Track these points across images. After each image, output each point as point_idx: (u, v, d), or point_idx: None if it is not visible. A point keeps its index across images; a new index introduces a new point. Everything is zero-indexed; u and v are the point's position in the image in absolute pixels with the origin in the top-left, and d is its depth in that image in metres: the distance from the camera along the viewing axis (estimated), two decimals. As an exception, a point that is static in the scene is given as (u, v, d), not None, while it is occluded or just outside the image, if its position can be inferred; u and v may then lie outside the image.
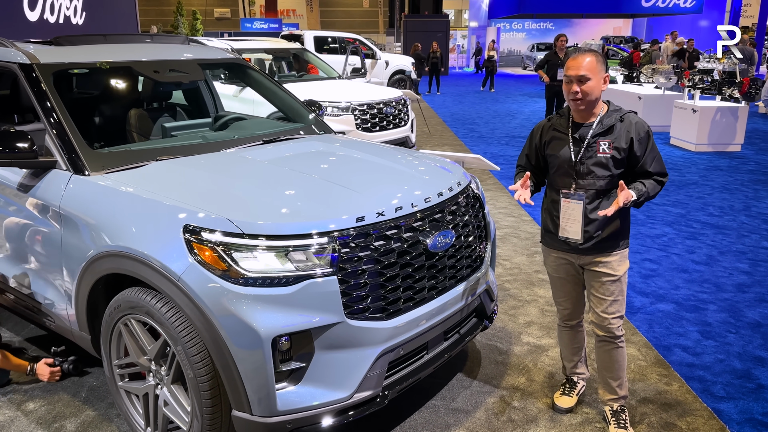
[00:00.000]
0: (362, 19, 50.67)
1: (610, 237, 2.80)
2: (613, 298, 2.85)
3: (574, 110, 2.80)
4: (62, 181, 2.93)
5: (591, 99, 2.71)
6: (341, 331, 2.44)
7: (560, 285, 3.04)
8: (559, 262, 2.97)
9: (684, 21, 31.31)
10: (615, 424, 2.94)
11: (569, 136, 2.81)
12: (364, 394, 2.54)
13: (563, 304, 3.08)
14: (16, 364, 3.27)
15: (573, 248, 2.86)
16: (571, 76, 2.69)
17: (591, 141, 2.76)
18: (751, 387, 3.32)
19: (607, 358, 2.95)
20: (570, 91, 2.71)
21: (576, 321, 3.10)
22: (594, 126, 2.77)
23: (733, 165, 9.23)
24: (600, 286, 2.86)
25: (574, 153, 2.79)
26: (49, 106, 3.08)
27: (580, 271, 2.94)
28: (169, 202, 2.58)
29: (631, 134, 2.73)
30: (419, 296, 2.74)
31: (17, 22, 8.86)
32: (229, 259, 2.35)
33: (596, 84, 2.69)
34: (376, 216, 2.60)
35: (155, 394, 2.72)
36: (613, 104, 2.83)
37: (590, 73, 2.67)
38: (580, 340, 3.15)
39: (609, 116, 2.77)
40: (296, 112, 4.21)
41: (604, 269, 2.83)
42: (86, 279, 2.76)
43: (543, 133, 2.92)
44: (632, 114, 2.79)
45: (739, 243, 5.68)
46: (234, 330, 2.30)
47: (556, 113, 2.93)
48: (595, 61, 2.69)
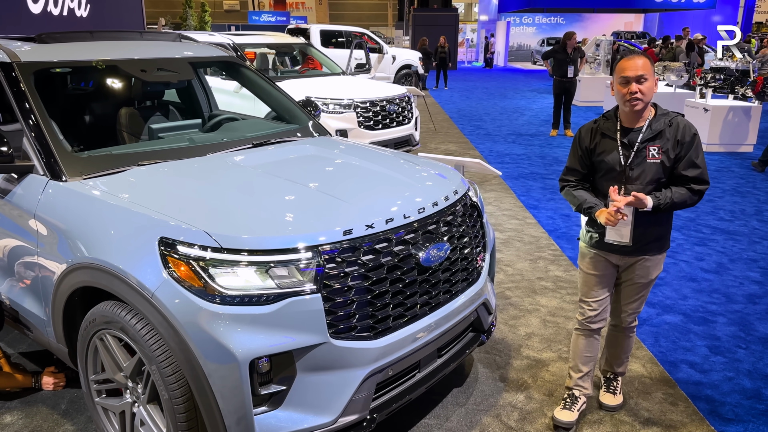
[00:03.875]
0: (371, 13, 50.43)
1: (656, 239, 2.81)
2: (639, 298, 2.96)
3: (628, 112, 2.72)
4: (39, 187, 2.80)
5: (648, 99, 2.67)
6: (325, 352, 2.30)
7: (594, 283, 2.95)
8: (598, 259, 2.91)
9: (697, 16, 30.88)
10: (605, 389, 3.18)
11: (618, 141, 2.75)
12: (349, 418, 2.40)
13: (591, 305, 2.97)
14: (20, 381, 3.16)
15: (618, 250, 2.82)
16: (629, 76, 2.64)
17: (641, 146, 2.71)
18: (762, 409, 3.16)
19: (614, 342, 3.11)
20: (628, 92, 2.64)
21: (597, 326, 2.99)
22: (643, 131, 2.72)
23: (746, 166, 9.01)
24: (631, 285, 2.91)
25: (624, 158, 2.74)
26: (28, 108, 2.95)
27: (616, 270, 2.92)
28: (146, 212, 2.44)
29: (678, 137, 2.69)
30: (411, 313, 2.59)
31: (20, 15, 8.73)
32: (205, 275, 2.21)
33: (652, 84, 2.67)
34: (365, 228, 2.45)
35: (132, 412, 2.59)
36: (660, 107, 2.78)
37: (647, 74, 2.64)
38: (594, 350, 3.04)
39: (658, 120, 2.72)
40: (290, 113, 4.06)
41: (641, 272, 2.87)
42: (61, 291, 2.63)
43: (591, 136, 2.84)
44: (680, 117, 2.75)
45: (750, 250, 5.49)
46: (209, 351, 2.17)
47: (602, 116, 2.86)
48: (649, 63, 2.68)
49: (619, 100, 2.71)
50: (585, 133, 2.87)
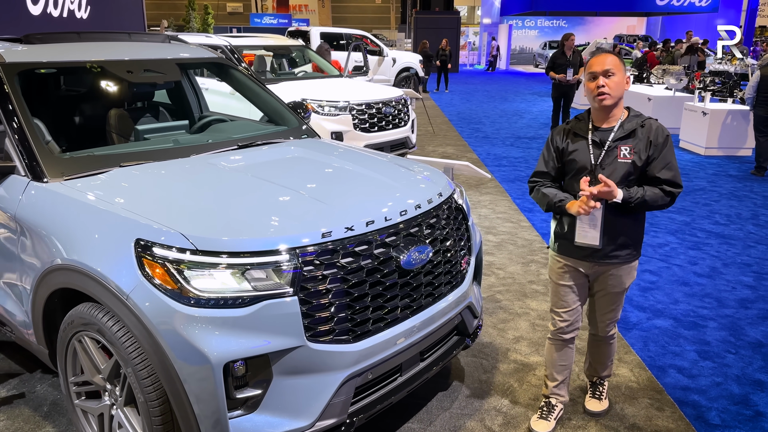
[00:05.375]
0: (374, 15, 50.45)
1: (626, 246, 2.76)
2: (614, 307, 2.92)
3: (598, 109, 2.70)
4: (20, 188, 2.79)
5: (615, 96, 2.64)
6: (302, 355, 2.28)
7: (564, 293, 2.90)
8: (568, 269, 2.85)
9: (699, 20, 30.81)
10: (590, 394, 3.16)
11: (589, 139, 2.73)
12: (327, 422, 2.38)
13: (561, 315, 2.93)
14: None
15: (587, 256, 2.77)
16: (596, 71, 2.63)
17: (612, 145, 2.68)
18: (749, 414, 3.13)
19: (595, 351, 3.10)
20: (595, 87, 2.63)
21: (570, 336, 2.95)
22: (615, 130, 2.69)
23: (743, 170, 8.96)
24: (605, 294, 2.87)
25: (594, 156, 2.71)
26: (11, 108, 2.93)
27: (587, 281, 2.86)
28: (123, 213, 2.43)
29: (650, 138, 2.66)
30: (391, 316, 2.56)
31: (20, 17, 8.74)
32: (180, 278, 2.19)
33: (620, 80, 2.64)
34: (345, 231, 2.44)
35: (110, 414, 2.57)
36: (633, 110, 2.76)
37: (615, 69, 2.62)
38: (569, 359, 3.00)
39: (630, 121, 2.70)
40: (279, 115, 4.04)
41: (613, 281, 2.83)
42: (41, 292, 2.62)
43: (563, 137, 2.81)
44: (653, 120, 2.73)
45: (744, 254, 5.46)
46: (183, 354, 2.15)
47: (575, 117, 2.84)
48: (618, 60, 2.66)
49: (588, 97, 2.69)
50: (557, 134, 2.84)
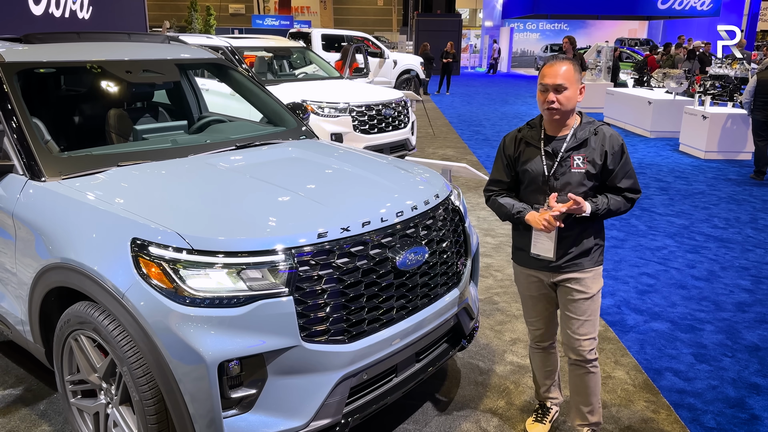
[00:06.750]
0: (376, 17, 50.51)
1: (583, 254, 2.66)
2: (585, 318, 2.69)
3: (547, 121, 2.64)
4: (18, 187, 2.80)
5: (567, 110, 2.55)
6: (297, 355, 2.29)
7: (532, 304, 2.87)
8: (531, 280, 2.81)
9: (701, 24, 30.80)
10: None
11: (542, 150, 2.65)
12: (322, 422, 2.38)
13: (535, 325, 2.91)
14: None
15: (545, 266, 2.70)
16: (547, 84, 2.53)
17: (565, 155, 2.60)
18: (744, 417, 3.13)
19: (578, 383, 2.79)
20: (545, 101, 2.54)
21: (548, 343, 2.93)
22: (567, 139, 2.61)
23: (743, 174, 8.97)
24: (572, 303, 2.70)
25: (547, 167, 2.63)
26: (10, 108, 2.95)
27: (551, 289, 2.78)
28: (120, 212, 2.44)
29: (605, 148, 2.58)
30: (387, 317, 2.57)
31: (21, 17, 8.76)
32: (175, 277, 2.20)
33: (573, 94, 2.53)
34: (341, 231, 2.44)
35: (106, 413, 2.58)
36: (586, 116, 2.68)
37: (567, 83, 2.51)
38: (553, 363, 2.99)
39: (582, 129, 2.62)
40: (278, 116, 4.06)
41: (577, 287, 2.68)
42: (38, 291, 2.63)
43: (515, 145, 2.73)
44: (606, 126, 2.64)
45: (742, 258, 5.46)
46: (177, 353, 2.15)
47: (527, 124, 2.76)
48: (573, 70, 2.53)
49: (539, 106, 2.61)
50: (509, 142, 2.75)
